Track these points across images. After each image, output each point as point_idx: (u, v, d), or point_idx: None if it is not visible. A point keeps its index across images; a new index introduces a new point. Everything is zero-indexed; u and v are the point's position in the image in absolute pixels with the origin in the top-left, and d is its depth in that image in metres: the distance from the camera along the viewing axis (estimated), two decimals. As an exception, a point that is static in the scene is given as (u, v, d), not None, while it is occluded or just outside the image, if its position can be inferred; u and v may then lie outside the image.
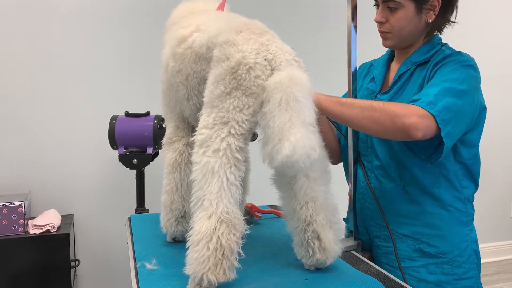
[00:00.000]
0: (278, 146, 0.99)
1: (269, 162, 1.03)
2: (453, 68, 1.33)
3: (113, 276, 2.78)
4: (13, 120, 2.58)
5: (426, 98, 1.25)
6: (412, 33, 1.41)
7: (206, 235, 1.03)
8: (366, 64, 1.62)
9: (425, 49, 1.43)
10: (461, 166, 1.41)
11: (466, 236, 1.44)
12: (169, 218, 1.39)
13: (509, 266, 3.67)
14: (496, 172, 3.61)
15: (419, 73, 1.41)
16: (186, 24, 1.29)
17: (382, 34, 1.44)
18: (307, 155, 0.98)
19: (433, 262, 1.40)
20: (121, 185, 2.70)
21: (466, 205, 1.44)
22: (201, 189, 1.06)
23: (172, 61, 1.30)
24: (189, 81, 1.26)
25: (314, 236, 1.17)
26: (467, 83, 1.31)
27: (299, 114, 1.00)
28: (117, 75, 2.72)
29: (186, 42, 1.25)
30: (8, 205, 2.27)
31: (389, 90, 1.45)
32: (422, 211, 1.41)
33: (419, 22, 1.39)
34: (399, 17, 1.37)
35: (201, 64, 1.21)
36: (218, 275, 1.03)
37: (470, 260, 1.43)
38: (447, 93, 1.26)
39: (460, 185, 1.42)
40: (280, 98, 1.01)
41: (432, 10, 1.38)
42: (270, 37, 1.14)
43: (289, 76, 1.04)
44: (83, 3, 2.64)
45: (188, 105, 1.30)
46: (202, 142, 1.08)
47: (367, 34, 1.87)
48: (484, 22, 3.46)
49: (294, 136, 0.97)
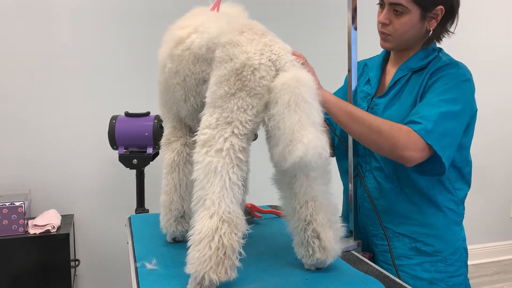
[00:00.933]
0: (290, 147, 1.00)
1: (279, 163, 1.04)
2: (449, 85, 1.35)
3: (113, 276, 2.78)
4: (13, 120, 2.58)
5: (426, 123, 1.28)
6: (412, 38, 1.43)
7: (208, 234, 1.03)
8: (360, 63, 1.62)
9: (422, 55, 1.45)
10: (453, 170, 1.44)
11: (458, 235, 1.48)
12: (168, 218, 1.39)
13: (509, 266, 3.67)
14: (496, 172, 3.61)
15: (416, 80, 1.43)
16: (183, 25, 1.29)
17: (382, 35, 1.45)
18: (319, 155, 1.00)
19: (428, 260, 1.43)
20: (121, 185, 2.70)
21: (459, 206, 1.48)
22: (203, 189, 1.07)
23: (169, 62, 1.30)
24: (187, 83, 1.26)
25: (314, 235, 1.17)
26: (462, 102, 1.34)
27: (308, 115, 1.02)
28: (117, 75, 2.72)
29: (184, 43, 1.25)
30: (8, 205, 2.27)
31: (385, 94, 1.47)
32: (419, 211, 1.43)
33: (421, 28, 1.41)
34: (403, 21, 1.38)
35: (200, 65, 1.21)
36: (219, 274, 1.03)
37: (460, 258, 1.47)
38: (444, 117, 1.30)
39: (453, 187, 1.45)
40: (288, 99, 1.02)
41: (435, 18, 1.40)
42: (271, 38, 1.15)
43: (296, 77, 1.05)
44: (83, 3, 2.64)
45: (185, 106, 1.30)
46: (205, 141, 1.09)
47: (366, 34, 1.87)
48: (483, 15, 3.46)
49: (307, 137, 0.99)
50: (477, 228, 1.33)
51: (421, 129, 1.27)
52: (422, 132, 1.27)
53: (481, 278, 3.39)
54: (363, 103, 1.51)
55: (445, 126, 1.30)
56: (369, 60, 1.64)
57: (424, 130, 1.27)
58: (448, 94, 1.33)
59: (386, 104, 1.45)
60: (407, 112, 1.37)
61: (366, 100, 1.51)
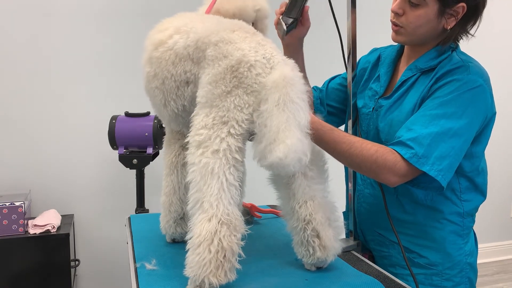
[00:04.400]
0: (272, 147, 0.99)
1: (259, 160, 1.03)
2: (452, 95, 1.22)
3: (113, 276, 2.78)
4: (13, 120, 2.58)
5: (417, 148, 1.17)
6: (426, 35, 1.30)
7: (207, 237, 1.02)
8: (374, 55, 1.53)
9: (434, 54, 1.33)
10: (462, 179, 1.33)
11: (460, 249, 1.37)
12: (168, 220, 1.39)
13: (509, 266, 3.68)
14: (496, 172, 3.61)
15: (423, 81, 1.32)
16: (163, 28, 1.25)
17: (394, 28, 1.33)
18: (298, 159, 0.99)
19: (422, 273, 1.36)
20: (121, 185, 2.71)
21: (464, 219, 1.36)
22: (199, 191, 1.05)
23: (148, 66, 1.26)
24: (166, 85, 1.22)
25: (314, 234, 1.17)
26: (467, 115, 1.21)
27: (295, 115, 1.00)
28: (117, 75, 2.72)
29: (165, 44, 1.20)
30: (8, 205, 2.27)
31: (390, 96, 1.38)
32: (414, 221, 1.36)
33: (437, 25, 1.28)
34: (418, 14, 1.26)
35: (182, 65, 1.17)
36: (219, 278, 1.03)
37: (462, 274, 1.37)
38: (441, 138, 1.19)
39: (458, 198, 1.34)
40: (278, 98, 1.01)
41: (454, 16, 1.26)
42: (263, 37, 1.14)
43: (283, 75, 1.03)
44: (83, 3, 2.64)
45: (166, 111, 1.26)
46: (200, 143, 1.07)
47: (365, 36, 1.87)
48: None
49: (290, 140, 0.97)
50: (477, 228, 1.32)
51: (412, 156, 1.17)
52: (414, 159, 1.17)
53: (481, 278, 3.39)
54: (370, 102, 1.43)
55: (442, 147, 1.19)
56: (384, 51, 1.51)
57: (415, 157, 1.17)
58: (449, 107, 1.21)
59: (389, 107, 1.36)
60: (406, 119, 1.28)
61: (374, 99, 1.43)
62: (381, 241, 1.43)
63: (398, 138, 1.22)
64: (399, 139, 1.21)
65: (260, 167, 1.05)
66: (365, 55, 1.59)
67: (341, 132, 1.23)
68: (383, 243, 1.43)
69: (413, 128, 1.21)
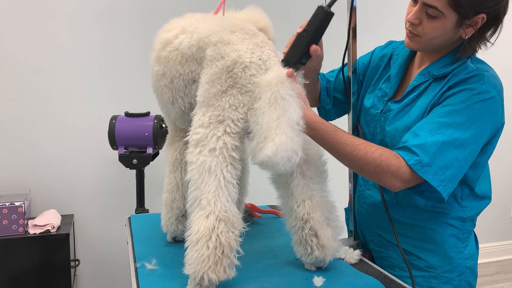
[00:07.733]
0: (262, 144, 1.00)
1: (252, 158, 1.05)
2: (463, 105, 1.19)
3: (113, 276, 2.78)
4: (13, 120, 2.58)
5: (422, 156, 1.16)
6: (442, 44, 1.27)
7: (205, 234, 1.03)
8: (387, 50, 1.49)
9: (448, 60, 1.29)
10: (464, 187, 1.32)
11: (460, 253, 1.36)
12: (169, 217, 1.39)
13: (509, 266, 3.68)
14: (496, 172, 3.60)
15: (434, 87, 1.28)
16: (170, 28, 1.29)
17: (409, 35, 1.28)
18: (288, 158, 0.99)
19: (420, 275, 1.35)
20: (121, 185, 2.70)
21: (464, 223, 1.36)
22: (198, 189, 1.07)
23: (156, 65, 1.30)
24: (174, 84, 1.25)
25: (312, 233, 1.18)
26: (476, 126, 1.19)
27: (286, 112, 1.01)
28: (117, 75, 2.72)
29: (172, 44, 1.24)
30: (8, 205, 2.27)
31: (400, 100, 1.35)
32: (413, 225, 1.36)
33: (454, 35, 1.24)
34: (435, 26, 1.22)
35: (188, 65, 1.21)
36: (218, 274, 1.03)
37: (461, 278, 1.36)
38: (447, 147, 1.17)
39: (460, 205, 1.33)
40: (270, 96, 1.03)
41: (473, 26, 1.22)
42: (263, 39, 1.16)
43: (278, 75, 1.06)
44: (83, 4, 2.63)
45: (173, 108, 1.29)
46: (198, 141, 1.09)
47: (366, 36, 1.87)
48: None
49: (279, 138, 0.98)
50: (477, 228, 1.32)
51: (416, 163, 1.16)
52: (417, 166, 1.15)
53: (481, 278, 3.39)
54: (379, 103, 1.41)
55: (447, 157, 1.17)
56: (397, 47, 1.47)
57: (419, 164, 1.16)
58: (459, 117, 1.18)
59: (398, 112, 1.33)
60: (413, 125, 1.25)
61: (383, 101, 1.40)
62: (380, 242, 1.43)
63: (404, 143, 1.20)
64: (405, 144, 1.19)
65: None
66: (380, 46, 1.55)
67: (345, 134, 1.21)
68: (382, 244, 1.43)
69: (419, 134, 1.19)
